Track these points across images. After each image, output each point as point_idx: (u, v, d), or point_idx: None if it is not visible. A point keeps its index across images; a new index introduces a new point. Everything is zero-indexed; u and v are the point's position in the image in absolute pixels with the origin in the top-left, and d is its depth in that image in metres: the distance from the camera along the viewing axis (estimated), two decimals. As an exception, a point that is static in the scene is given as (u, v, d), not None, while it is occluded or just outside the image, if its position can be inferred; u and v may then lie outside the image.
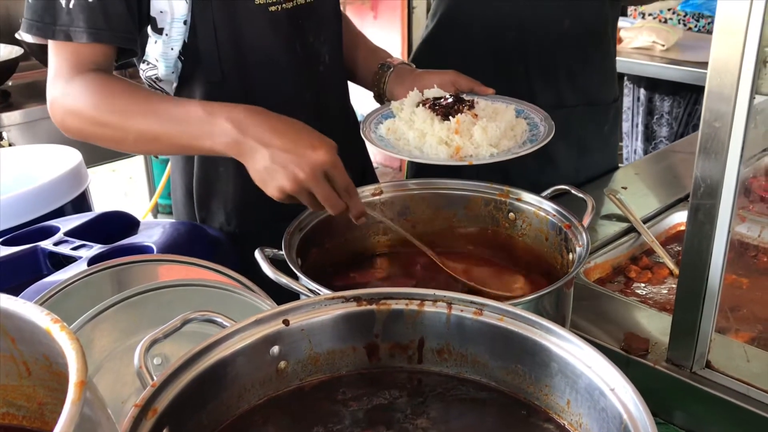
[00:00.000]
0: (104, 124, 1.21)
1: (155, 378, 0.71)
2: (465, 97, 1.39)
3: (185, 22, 1.27)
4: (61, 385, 0.59)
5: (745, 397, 1.04)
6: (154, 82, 1.36)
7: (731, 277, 1.37)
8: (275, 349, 0.82)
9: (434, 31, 1.83)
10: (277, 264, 1.07)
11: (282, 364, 0.83)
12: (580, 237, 1.11)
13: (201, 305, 1.00)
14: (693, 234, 1.01)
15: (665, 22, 3.48)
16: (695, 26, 3.44)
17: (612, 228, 1.56)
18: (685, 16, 3.44)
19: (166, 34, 1.28)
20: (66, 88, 1.22)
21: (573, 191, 1.26)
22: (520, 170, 1.57)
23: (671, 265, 1.45)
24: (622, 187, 1.78)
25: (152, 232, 1.27)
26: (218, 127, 1.14)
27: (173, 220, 1.40)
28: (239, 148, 1.13)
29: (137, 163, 3.85)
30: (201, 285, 1.08)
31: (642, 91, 3.42)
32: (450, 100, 1.36)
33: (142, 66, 1.34)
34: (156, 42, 1.29)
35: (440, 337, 0.86)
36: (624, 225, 1.57)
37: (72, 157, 1.75)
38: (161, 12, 1.26)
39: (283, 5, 1.33)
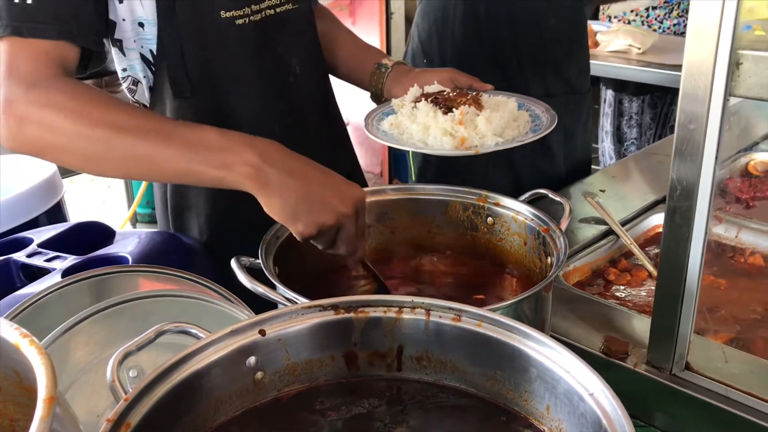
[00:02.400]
0: (85, 136, 1.04)
1: (129, 391, 0.70)
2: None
3: (140, 24, 1.23)
4: (32, 400, 0.58)
5: (724, 398, 1.05)
6: (132, 95, 1.34)
7: (709, 278, 1.38)
8: (252, 359, 0.81)
9: (430, 27, 1.97)
10: (255, 273, 1.06)
11: (259, 374, 0.82)
12: (559, 241, 1.11)
13: (178, 316, 0.99)
14: (670, 236, 1.01)
15: (629, 23, 3.50)
16: (659, 28, 3.46)
17: (590, 231, 1.57)
18: (647, 18, 3.47)
19: (134, 40, 1.25)
20: (33, 93, 1.05)
21: (550, 195, 1.26)
22: (522, 154, 1.85)
23: (650, 268, 1.46)
24: (600, 190, 1.79)
25: (128, 242, 1.25)
26: (239, 156, 1.01)
27: (149, 230, 1.39)
28: (263, 180, 1.01)
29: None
30: (177, 295, 1.07)
31: (610, 92, 3.45)
32: (452, 93, 1.38)
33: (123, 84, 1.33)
34: (119, 52, 1.27)
35: (419, 344, 0.85)
36: (602, 228, 1.57)
37: (46, 167, 1.73)
38: (123, 20, 1.23)
39: (251, 18, 1.29)
